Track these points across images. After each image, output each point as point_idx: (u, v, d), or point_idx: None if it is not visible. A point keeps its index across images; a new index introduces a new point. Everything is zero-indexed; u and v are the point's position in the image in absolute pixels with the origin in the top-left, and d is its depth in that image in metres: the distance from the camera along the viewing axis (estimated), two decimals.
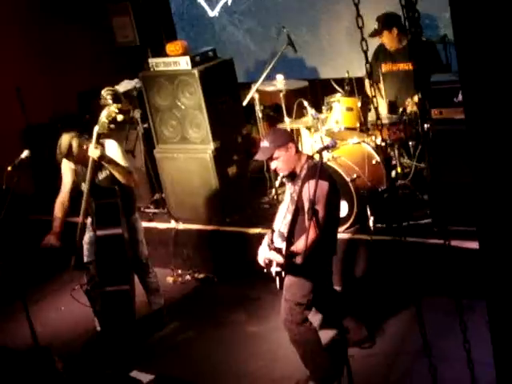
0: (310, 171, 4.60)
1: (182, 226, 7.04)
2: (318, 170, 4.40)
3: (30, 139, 7.93)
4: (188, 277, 6.86)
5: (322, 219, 4.45)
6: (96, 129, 5.31)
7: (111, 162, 5.41)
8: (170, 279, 6.83)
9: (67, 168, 5.63)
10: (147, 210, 7.41)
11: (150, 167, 7.30)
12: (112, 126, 5.31)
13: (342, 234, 6.11)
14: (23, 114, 7.92)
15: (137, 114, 7.19)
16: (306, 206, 4.47)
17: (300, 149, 6.25)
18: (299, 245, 4.50)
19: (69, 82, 8.19)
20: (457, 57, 2.54)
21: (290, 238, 4.60)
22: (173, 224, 7.06)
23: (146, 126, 7.23)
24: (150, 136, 7.23)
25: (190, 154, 6.96)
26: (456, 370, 3.29)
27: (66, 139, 5.36)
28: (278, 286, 4.81)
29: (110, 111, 5.31)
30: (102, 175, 5.52)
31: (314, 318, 5.12)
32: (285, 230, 4.66)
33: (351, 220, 6.09)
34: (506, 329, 2.74)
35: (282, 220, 4.78)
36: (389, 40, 6.66)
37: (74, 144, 5.34)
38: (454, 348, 3.08)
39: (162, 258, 6.94)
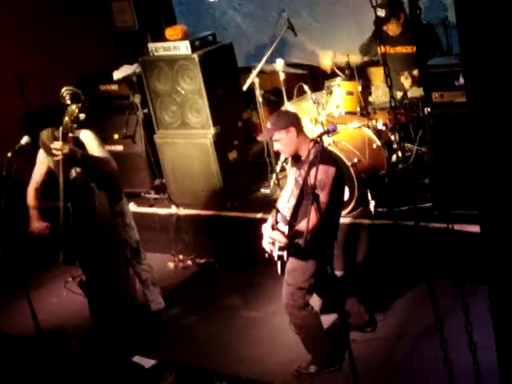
0: (318, 156, 4.58)
1: (182, 211, 7.04)
2: (325, 155, 4.40)
3: (29, 125, 7.90)
4: (189, 262, 6.87)
5: (325, 204, 4.46)
6: (60, 129, 5.28)
7: (84, 156, 5.33)
8: (171, 265, 6.85)
9: (43, 157, 5.58)
10: (148, 196, 7.42)
11: (150, 153, 7.29)
12: (75, 125, 5.28)
13: (343, 219, 6.10)
14: (23, 100, 7.88)
15: (136, 99, 7.17)
16: (311, 190, 4.47)
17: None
18: (302, 226, 4.51)
19: (68, 67, 8.15)
20: (459, 39, 2.53)
21: (292, 222, 4.61)
22: (173, 209, 7.06)
23: (145, 111, 7.21)
24: (150, 121, 7.21)
25: (191, 139, 6.94)
26: (457, 353, 3.30)
27: (47, 132, 5.31)
28: (279, 271, 4.81)
29: (70, 111, 5.27)
30: (78, 168, 5.46)
31: (315, 302, 5.12)
32: (288, 214, 4.66)
33: (352, 204, 6.08)
34: (508, 313, 2.74)
35: (286, 204, 4.77)
36: (394, 27, 6.60)
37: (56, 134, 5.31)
38: (456, 331, 3.09)
39: (163, 243, 6.95)
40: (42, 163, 5.59)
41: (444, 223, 3.08)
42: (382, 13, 6.43)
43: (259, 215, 6.47)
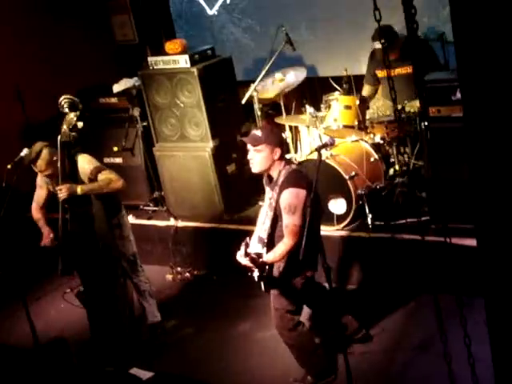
0: (288, 177, 4.56)
1: (181, 223, 7.06)
2: (295, 177, 4.43)
3: (29, 137, 7.93)
4: (187, 274, 6.88)
5: (298, 227, 4.44)
6: (59, 138, 5.32)
7: (84, 191, 5.36)
8: (169, 277, 6.86)
9: (42, 181, 5.63)
10: (146, 208, 7.43)
11: (149, 165, 7.31)
12: (74, 133, 5.32)
13: (341, 232, 6.15)
14: (23, 112, 7.93)
15: (136, 112, 7.20)
16: (283, 213, 4.49)
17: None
18: (271, 256, 4.54)
19: (68, 80, 8.18)
20: (455, 54, 2.55)
21: (269, 245, 4.61)
22: (172, 222, 7.08)
23: (145, 124, 7.24)
24: (149, 134, 7.24)
25: (189, 152, 6.98)
26: (456, 365, 3.32)
27: (38, 145, 5.39)
28: (263, 289, 4.76)
29: (69, 119, 5.32)
30: None
31: (304, 312, 5.13)
32: (264, 236, 4.65)
33: (349, 217, 6.11)
34: (505, 326, 2.75)
35: (262, 225, 4.74)
36: (391, 54, 6.60)
37: (44, 152, 5.35)
38: (454, 344, 3.11)
39: (162, 255, 6.97)
40: (42, 188, 5.64)
41: (441, 236, 3.10)
42: (378, 45, 6.46)
43: None
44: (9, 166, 5.44)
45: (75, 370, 5.09)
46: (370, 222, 6.06)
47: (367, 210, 6.07)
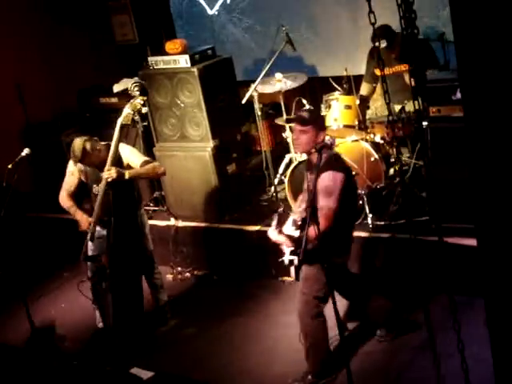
0: (328, 161, 4.62)
1: (181, 223, 7.06)
2: (334, 161, 4.45)
3: (30, 137, 7.95)
4: (187, 274, 6.88)
5: (333, 210, 4.46)
6: (120, 120, 5.34)
7: (132, 175, 5.43)
8: (169, 276, 6.86)
9: (75, 169, 5.64)
10: (147, 208, 7.41)
11: None
12: (136, 117, 5.36)
13: None
14: (24, 112, 7.94)
15: None
16: (319, 196, 4.49)
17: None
18: (310, 232, 4.50)
19: (69, 80, 8.21)
20: (456, 54, 2.56)
21: (303, 227, 4.57)
22: (172, 222, 7.08)
23: (145, 123, 7.24)
24: (149, 134, 7.25)
25: (190, 152, 6.98)
26: (455, 364, 3.33)
27: (79, 143, 5.36)
28: (293, 276, 4.69)
29: (135, 103, 5.36)
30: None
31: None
32: (299, 218, 4.68)
33: None
34: (504, 326, 2.76)
35: (298, 209, 4.81)
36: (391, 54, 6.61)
37: (88, 147, 5.37)
38: (453, 344, 3.11)
39: (162, 255, 6.95)
40: (73, 175, 5.65)
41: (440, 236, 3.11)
42: (383, 44, 6.45)
43: (257, 228, 6.50)
44: (9, 166, 5.44)
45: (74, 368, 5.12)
46: (370, 221, 6.07)
47: (367, 210, 6.07)
